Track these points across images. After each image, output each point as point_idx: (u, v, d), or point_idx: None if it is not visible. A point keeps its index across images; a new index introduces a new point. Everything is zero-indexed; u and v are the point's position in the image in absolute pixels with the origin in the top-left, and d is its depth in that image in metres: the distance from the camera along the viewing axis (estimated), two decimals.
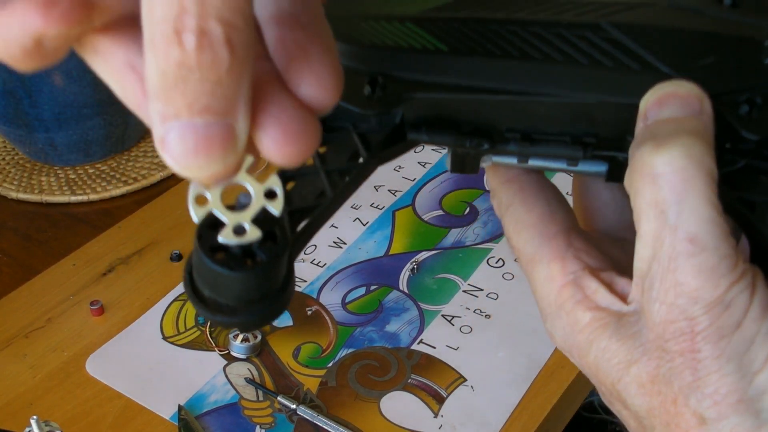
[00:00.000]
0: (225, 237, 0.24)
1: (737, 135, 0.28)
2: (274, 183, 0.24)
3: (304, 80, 0.22)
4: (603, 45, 0.29)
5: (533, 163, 0.32)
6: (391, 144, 0.30)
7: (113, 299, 0.82)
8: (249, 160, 0.23)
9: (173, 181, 0.99)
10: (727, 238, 0.26)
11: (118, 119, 0.97)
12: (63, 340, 0.78)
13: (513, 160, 0.32)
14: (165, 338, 0.78)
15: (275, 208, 0.24)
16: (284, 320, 0.79)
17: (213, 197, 0.24)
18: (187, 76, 0.20)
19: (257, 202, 0.24)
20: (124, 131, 1.00)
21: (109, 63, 0.22)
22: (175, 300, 0.82)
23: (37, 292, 0.84)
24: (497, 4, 0.31)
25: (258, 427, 0.69)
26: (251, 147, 0.22)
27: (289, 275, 0.26)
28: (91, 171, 1.00)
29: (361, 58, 0.30)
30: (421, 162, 1.01)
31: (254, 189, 0.24)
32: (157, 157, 1.02)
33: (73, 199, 0.96)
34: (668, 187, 0.26)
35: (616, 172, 0.31)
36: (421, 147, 1.04)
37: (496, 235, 0.89)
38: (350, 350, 0.77)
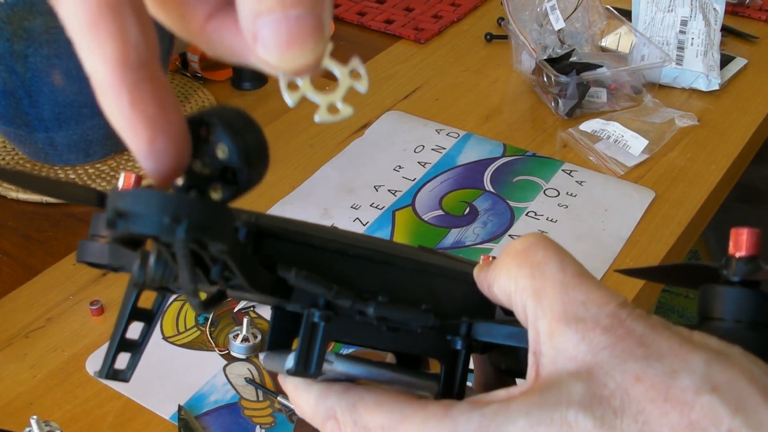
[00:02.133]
0: (321, 116, 0.26)
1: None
2: (357, 64, 0.26)
3: None
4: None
5: (373, 372, 0.33)
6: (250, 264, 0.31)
7: (113, 299, 0.82)
8: (330, 45, 0.25)
9: None
10: None
11: None
12: (63, 340, 0.78)
13: (357, 370, 0.33)
14: (165, 338, 0.78)
15: (361, 86, 0.26)
16: None
17: (304, 83, 0.26)
18: None
19: (345, 82, 0.26)
20: None
21: None
22: (175, 300, 0.82)
23: (37, 292, 0.84)
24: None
25: (258, 427, 0.69)
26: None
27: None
28: (91, 171, 1.00)
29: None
30: (421, 162, 1.01)
31: (340, 71, 0.26)
32: None
33: None
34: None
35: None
36: (421, 147, 1.04)
37: (496, 235, 0.89)
38: (351, 350, 0.77)
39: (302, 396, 0.33)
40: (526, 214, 0.93)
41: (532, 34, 1.14)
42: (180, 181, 0.29)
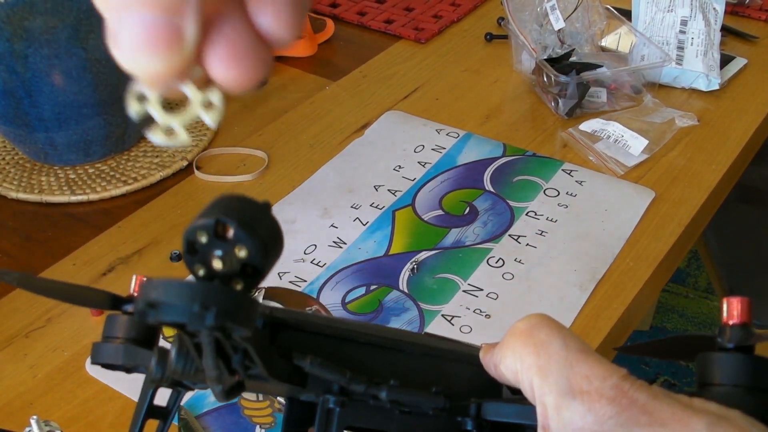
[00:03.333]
0: (154, 135, 0.25)
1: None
2: (215, 94, 0.25)
3: (265, 11, 0.23)
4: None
5: None
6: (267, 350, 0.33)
7: None
8: (196, 71, 0.24)
9: (173, 181, 0.99)
10: None
11: (118, 119, 0.97)
12: (63, 340, 0.78)
13: None
14: (165, 338, 0.78)
15: (211, 119, 0.25)
16: None
17: (152, 97, 0.25)
18: None
19: (194, 108, 0.25)
20: (124, 131, 1.00)
21: None
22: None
23: None
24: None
25: (258, 427, 0.69)
26: (200, 62, 0.23)
27: None
28: (91, 171, 1.00)
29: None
30: (421, 162, 1.01)
31: (194, 96, 0.24)
32: (157, 156, 1.02)
33: (73, 199, 0.96)
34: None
35: None
36: (421, 147, 1.04)
37: (496, 235, 0.89)
38: None
39: None
40: (526, 214, 0.93)
41: (532, 34, 1.14)
42: (201, 272, 0.30)
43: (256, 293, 0.81)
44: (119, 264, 0.87)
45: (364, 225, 0.91)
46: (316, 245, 0.88)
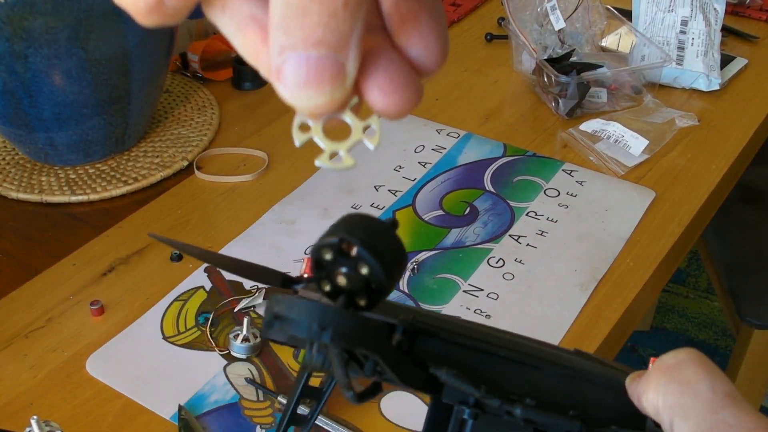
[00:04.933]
0: (321, 161, 0.27)
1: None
2: (374, 121, 0.27)
3: (414, 42, 0.25)
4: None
5: None
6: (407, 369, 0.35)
7: (113, 299, 0.82)
8: (354, 100, 0.25)
9: (173, 181, 0.99)
10: None
11: (118, 119, 0.97)
12: (63, 340, 0.78)
13: None
14: (165, 338, 0.78)
15: (371, 143, 0.27)
16: None
17: (315, 126, 0.26)
18: (308, 6, 0.22)
19: (356, 135, 0.27)
20: (124, 131, 1.00)
21: (234, 17, 0.24)
22: (175, 300, 0.82)
23: (37, 292, 0.84)
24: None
25: (258, 427, 0.69)
26: (358, 92, 0.25)
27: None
28: (91, 171, 1.00)
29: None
30: (421, 162, 1.01)
31: (354, 124, 0.26)
32: (157, 156, 1.02)
33: (73, 199, 0.96)
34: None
35: None
36: (422, 147, 1.04)
37: (497, 235, 0.89)
38: None
39: None
40: (527, 214, 0.92)
41: (532, 34, 1.14)
42: (327, 288, 0.32)
43: (258, 293, 0.81)
44: (119, 264, 0.87)
45: None
46: None
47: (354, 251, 0.31)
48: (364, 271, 0.31)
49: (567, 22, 1.14)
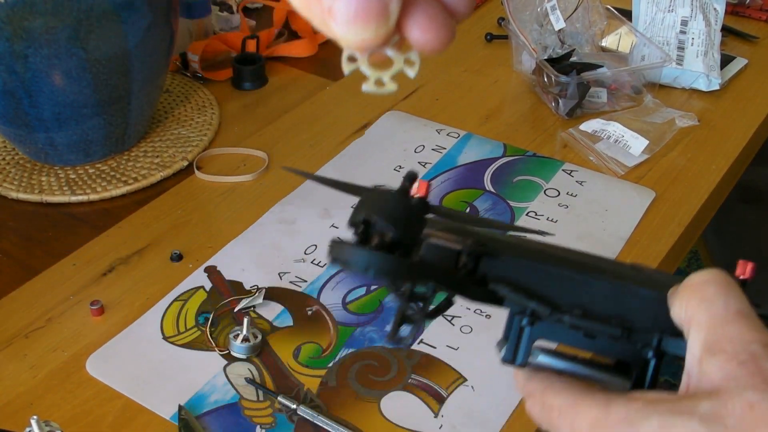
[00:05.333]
0: (368, 86, 0.31)
1: None
2: (414, 54, 0.31)
3: None
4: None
5: (572, 367, 0.41)
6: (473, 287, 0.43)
7: (113, 299, 0.82)
8: (396, 38, 0.30)
9: (173, 181, 0.99)
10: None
11: (118, 119, 0.97)
12: (63, 340, 0.78)
13: (558, 363, 0.41)
14: (165, 338, 0.78)
15: (412, 71, 0.31)
16: (284, 320, 0.79)
17: (362, 58, 0.30)
18: None
19: (397, 65, 0.31)
20: (124, 131, 1.00)
21: None
22: (175, 300, 0.82)
23: (37, 292, 0.84)
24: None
25: (258, 427, 0.69)
26: (399, 31, 0.29)
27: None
28: (91, 171, 1.00)
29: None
30: (421, 162, 1.01)
31: (395, 56, 0.31)
32: (157, 156, 1.02)
33: (73, 199, 0.96)
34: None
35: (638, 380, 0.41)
36: (422, 147, 1.04)
37: None
38: (350, 350, 0.77)
39: (517, 375, 0.42)
40: (527, 214, 0.92)
41: (532, 34, 1.14)
42: (374, 243, 0.41)
43: (258, 293, 0.81)
44: (119, 264, 0.87)
45: None
46: (316, 245, 0.88)
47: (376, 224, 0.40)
48: (390, 235, 0.40)
49: (567, 22, 1.14)
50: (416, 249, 0.42)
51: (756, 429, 0.33)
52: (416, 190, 0.44)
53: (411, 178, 0.42)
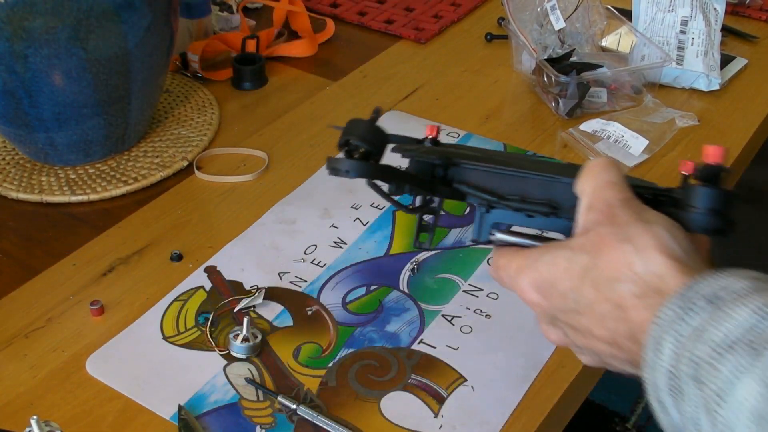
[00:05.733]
0: None
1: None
2: None
3: None
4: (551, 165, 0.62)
5: (520, 240, 0.59)
6: (446, 187, 0.62)
7: (113, 299, 0.82)
8: None
9: (173, 181, 0.99)
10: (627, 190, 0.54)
11: (118, 119, 0.97)
12: (63, 340, 0.78)
13: (510, 239, 0.59)
14: (165, 338, 0.78)
15: None
16: (284, 320, 0.79)
17: None
18: None
19: None
20: (124, 131, 1.00)
21: None
22: (175, 300, 0.82)
23: (37, 292, 0.84)
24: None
25: (258, 427, 0.69)
26: None
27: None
28: (91, 171, 1.00)
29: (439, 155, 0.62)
30: None
31: None
32: (157, 156, 1.02)
33: (73, 199, 0.96)
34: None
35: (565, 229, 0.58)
36: None
37: None
38: (350, 350, 0.77)
39: (492, 255, 0.60)
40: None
41: (532, 34, 1.14)
42: (355, 155, 0.61)
43: (257, 293, 0.81)
44: (119, 264, 0.87)
45: (365, 225, 0.91)
46: (316, 245, 0.88)
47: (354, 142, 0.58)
48: (364, 148, 0.59)
49: (567, 22, 1.14)
50: (382, 156, 0.61)
51: (603, 247, 0.51)
52: (428, 131, 0.66)
53: (377, 111, 0.62)
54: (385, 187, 0.63)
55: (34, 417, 0.60)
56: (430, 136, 0.66)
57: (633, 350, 0.50)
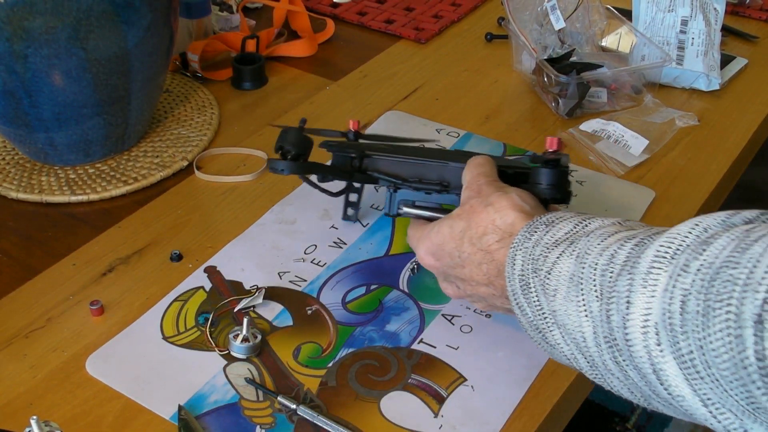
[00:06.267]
0: None
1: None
2: None
3: None
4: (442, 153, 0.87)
5: (421, 212, 0.78)
6: (361, 173, 0.83)
7: (113, 299, 0.82)
8: None
9: (173, 181, 0.99)
10: (493, 176, 0.73)
11: (118, 119, 0.97)
12: (63, 340, 0.78)
13: (415, 212, 0.78)
14: (165, 338, 0.78)
15: None
16: (284, 320, 0.79)
17: None
18: None
19: None
20: (124, 131, 1.00)
21: None
22: (175, 300, 0.82)
23: (37, 292, 0.84)
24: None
25: (258, 427, 0.69)
26: None
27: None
28: (91, 171, 1.00)
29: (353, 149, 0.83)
30: None
31: None
32: (157, 156, 1.02)
33: (73, 199, 0.96)
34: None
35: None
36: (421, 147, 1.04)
37: None
38: (350, 350, 0.77)
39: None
40: None
41: (532, 34, 1.14)
42: (287, 157, 0.79)
43: (257, 293, 0.81)
44: (119, 264, 0.87)
45: (365, 226, 0.91)
46: (316, 245, 0.88)
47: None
48: (294, 151, 0.77)
49: (567, 22, 1.14)
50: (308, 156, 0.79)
51: (473, 213, 0.68)
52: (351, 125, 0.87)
53: (303, 121, 0.80)
54: (314, 178, 0.82)
55: (34, 417, 0.60)
56: (353, 129, 0.86)
57: (502, 284, 0.66)
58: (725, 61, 1.18)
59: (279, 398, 0.71)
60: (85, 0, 0.85)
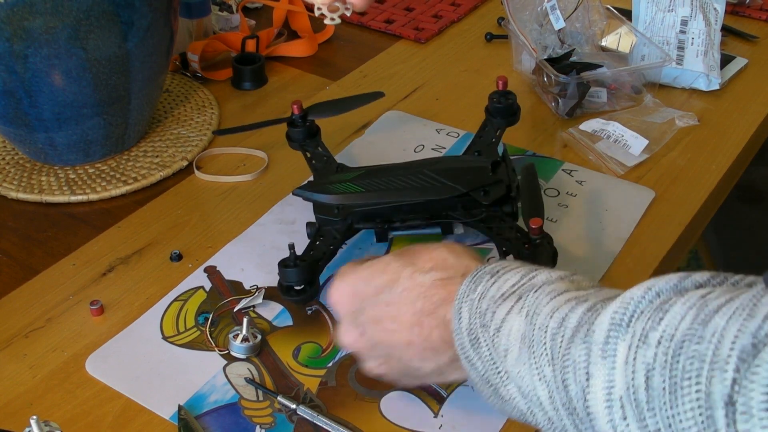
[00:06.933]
0: (327, 21, 0.77)
1: (480, 203, 0.82)
2: (347, 8, 0.77)
3: None
4: (427, 180, 0.84)
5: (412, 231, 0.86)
6: (350, 232, 0.85)
7: (113, 299, 0.82)
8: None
9: (173, 180, 0.99)
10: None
11: (118, 119, 0.97)
12: (63, 340, 0.78)
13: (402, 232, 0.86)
14: (165, 338, 0.78)
15: (347, 12, 0.77)
16: (284, 320, 0.79)
17: (324, 8, 0.73)
18: None
19: (340, 10, 0.78)
20: (124, 131, 1.00)
21: None
22: (175, 300, 0.82)
23: (37, 292, 0.84)
24: (385, 171, 0.87)
25: (258, 427, 0.69)
26: None
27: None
28: (91, 171, 1.00)
29: (331, 196, 0.84)
30: None
31: (340, 5, 0.77)
32: (157, 156, 1.02)
33: (73, 199, 0.96)
34: None
35: (445, 229, 0.86)
36: (421, 146, 1.04)
37: None
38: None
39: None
40: None
41: (532, 34, 1.14)
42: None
43: (257, 293, 0.81)
44: (119, 264, 0.87)
45: None
46: None
47: None
48: (301, 285, 0.79)
49: (567, 21, 1.14)
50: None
51: (418, 252, 0.64)
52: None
53: (291, 245, 0.78)
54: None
55: (34, 417, 0.60)
56: (297, 114, 0.92)
57: (431, 325, 0.61)
58: (725, 61, 1.18)
59: (279, 398, 0.71)
60: (85, 0, 0.86)
